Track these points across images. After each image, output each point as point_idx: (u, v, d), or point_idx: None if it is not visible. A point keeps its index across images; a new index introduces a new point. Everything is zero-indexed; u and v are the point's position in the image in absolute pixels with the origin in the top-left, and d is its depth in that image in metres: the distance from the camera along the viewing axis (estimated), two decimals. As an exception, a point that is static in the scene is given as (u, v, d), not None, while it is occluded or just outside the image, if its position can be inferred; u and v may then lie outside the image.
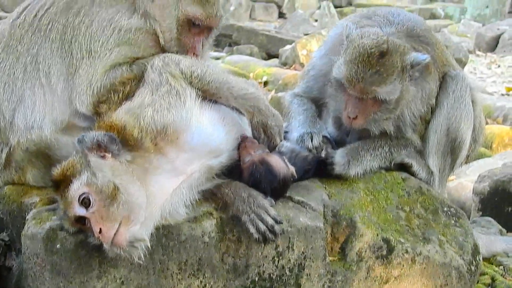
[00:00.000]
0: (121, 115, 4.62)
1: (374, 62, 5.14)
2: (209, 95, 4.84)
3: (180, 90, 4.73)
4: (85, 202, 4.28)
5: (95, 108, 4.96)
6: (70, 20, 5.14)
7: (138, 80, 4.96)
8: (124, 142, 4.47)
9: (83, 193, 4.29)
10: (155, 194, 4.50)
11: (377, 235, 5.02)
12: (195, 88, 4.81)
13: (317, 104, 5.84)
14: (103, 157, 4.39)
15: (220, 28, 5.55)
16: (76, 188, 4.31)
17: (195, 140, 4.66)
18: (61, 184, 4.39)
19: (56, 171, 4.45)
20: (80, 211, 4.30)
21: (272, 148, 4.91)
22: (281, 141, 4.96)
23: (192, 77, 4.83)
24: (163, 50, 5.30)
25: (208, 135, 4.71)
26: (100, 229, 4.22)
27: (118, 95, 4.89)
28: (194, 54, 5.32)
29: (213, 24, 5.43)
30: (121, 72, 5.01)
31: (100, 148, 4.39)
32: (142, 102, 4.68)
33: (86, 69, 5.03)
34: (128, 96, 4.88)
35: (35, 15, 5.21)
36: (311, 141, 5.38)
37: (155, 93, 4.72)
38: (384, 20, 5.70)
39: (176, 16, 5.28)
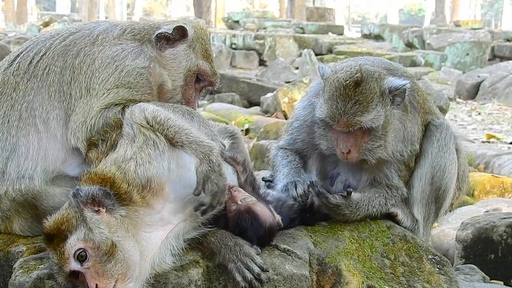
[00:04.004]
0: (108, 167, 4.61)
1: (351, 93, 5.19)
2: (169, 141, 4.77)
3: (156, 140, 4.73)
4: (80, 257, 4.26)
5: (88, 146, 4.99)
6: (69, 62, 5.19)
7: None
8: (116, 196, 4.46)
9: (80, 249, 4.26)
10: (147, 248, 4.49)
11: (363, 283, 5.03)
12: (159, 133, 4.78)
13: (301, 155, 5.88)
14: (97, 211, 4.37)
15: (217, 87, 5.77)
16: (73, 243, 4.27)
17: (179, 189, 4.67)
18: (55, 238, 4.33)
19: (48, 224, 4.38)
20: (75, 266, 4.27)
21: (196, 207, 4.71)
22: (211, 205, 4.68)
23: (154, 122, 4.77)
24: (160, 97, 5.40)
25: (192, 184, 4.71)
26: (96, 285, 4.21)
27: (106, 143, 4.90)
28: (192, 108, 5.46)
29: (215, 82, 5.71)
30: (115, 112, 5.05)
31: (94, 202, 4.37)
32: (125, 155, 4.67)
33: (83, 107, 5.07)
34: (114, 144, 4.89)
35: (30, 62, 5.23)
36: (295, 189, 5.38)
37: (134, 145, 4.71)
38: (364, 60, 5.79)
39: (187, 67, 5.49)
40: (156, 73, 5.38)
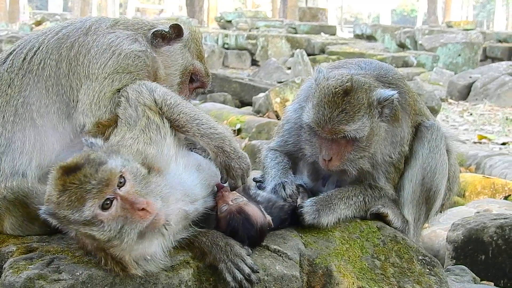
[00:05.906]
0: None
1: (339, 101, 5.22)
2: (177, 127, 4.84)
3: (160, 124, 4.74)
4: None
5: (96, 125, 4.99)
6: (64, 54, 5.20)
7: None
8: None
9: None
10: None
11: (353, 284, 5.03)
12: (166, 117, 4.81)
13: (293, 157, 5.87)
14: None
15: (208, 89, 5.82)
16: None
17: (170, 180, 4.62)
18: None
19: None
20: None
21: (232, 188, 4.95)
22: (243, 183, 4.99)
23: (163, 104, 4.81)
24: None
25: (183, 178, 4.72)
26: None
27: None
28: None
29: (207, 83, 5.78)
30: None
31: None
32: (123, 138, 4.66)
33: (86, 93, 5.08)
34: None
35: (24, 59, 5.23)
36: (284, 190, 5.40)
37: (135, 127, 4.71)
38: (355, 67, 5.81)
39: (184, 65, 5.57)
40: (153, 57, 5.40)
